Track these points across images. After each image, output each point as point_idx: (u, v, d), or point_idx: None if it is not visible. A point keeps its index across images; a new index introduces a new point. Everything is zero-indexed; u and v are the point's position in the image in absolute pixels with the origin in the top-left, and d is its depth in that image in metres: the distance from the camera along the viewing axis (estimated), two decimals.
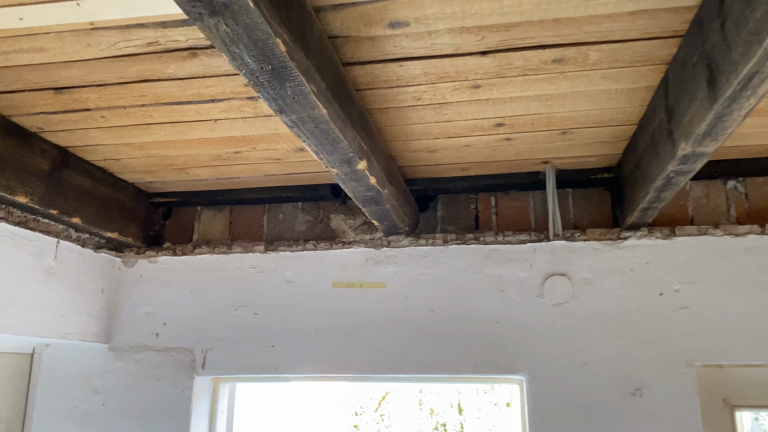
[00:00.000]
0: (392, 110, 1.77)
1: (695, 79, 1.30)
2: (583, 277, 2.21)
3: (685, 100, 1.37)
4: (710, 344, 2.07)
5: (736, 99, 1.18)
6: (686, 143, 1.42)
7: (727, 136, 1.37)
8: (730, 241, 2.14)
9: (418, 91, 1.65)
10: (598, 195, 2.36)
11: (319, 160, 1.57)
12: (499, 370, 2.20)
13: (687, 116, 1.38)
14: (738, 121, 1.28)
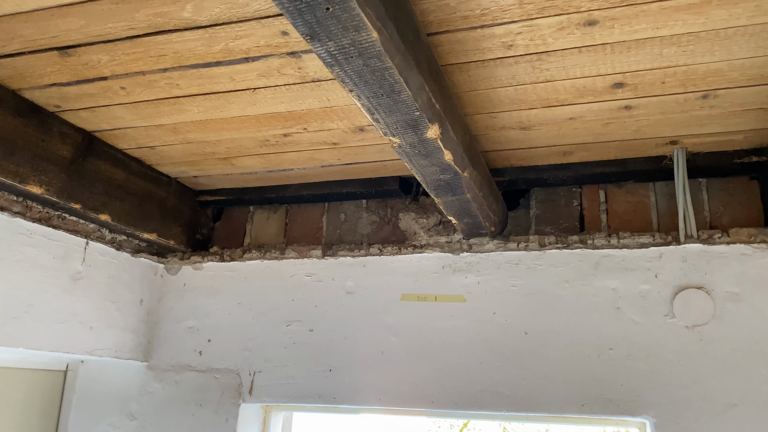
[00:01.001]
0: (474, 66, 1.35)
1: None
2: (728, 291, 1.68)
3: None
4: None
5: None
6: None
7: None
8: None
9: (510, 33, 1.23)
10: (743, 186, 1.83)
11: (375, 125, 1.17)
12: (614, 410, 1.70)
13: None
14: None
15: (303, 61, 1.36)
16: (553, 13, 1.16)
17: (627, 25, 1.19)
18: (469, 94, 1.47)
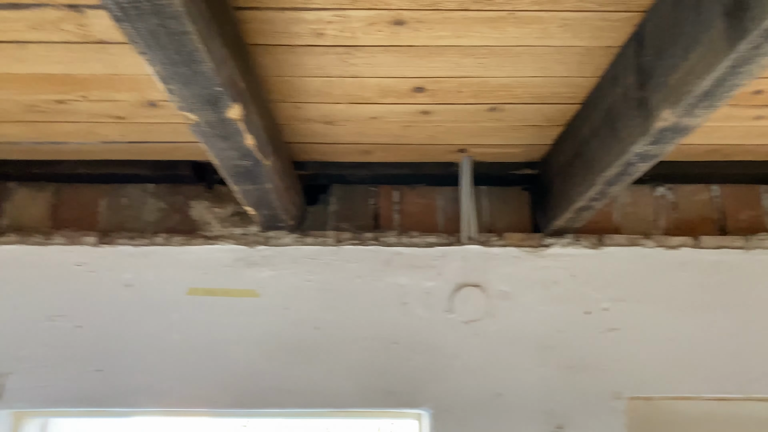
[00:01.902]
0: (282, 51, 1.30)
1: (701, 15, 0.96)
2: (500, 289, 1.84)
3: (679, 50, 1.04)
4: (641, 373, 1.77)
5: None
6: (672, 110, 1.08)
7: (726, 101, 1.05)
8: (663, 254, 1.87)
9: (321, 21, 1.20)
10: (517, 195, 2.01)
11: (170, 96, 1.06)
12: (396, 402, 1.76)
13: (679, 72, 1.04)
14: (753, 75, 0.95)
15: (87, 18, 1.19)
16: (365, 6, 1.16)
17: (432, 30, 1.24)
18: (276, 80, 1.41)
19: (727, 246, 1.88)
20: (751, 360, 1.78)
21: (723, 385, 1.77)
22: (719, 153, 1.85)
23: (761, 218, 2.01)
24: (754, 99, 1.50)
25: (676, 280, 1.85)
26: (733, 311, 1.82)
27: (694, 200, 2.02)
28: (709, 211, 2.01)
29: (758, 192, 2.04)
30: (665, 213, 2.00)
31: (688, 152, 1.85)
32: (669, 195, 2.02)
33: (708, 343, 1.80)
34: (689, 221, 2.00)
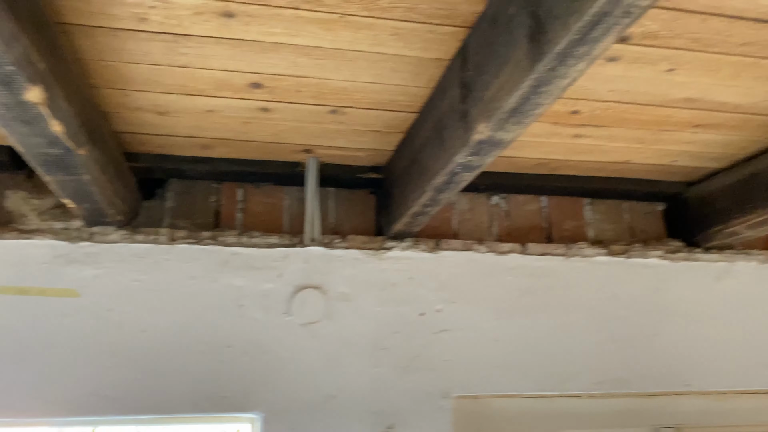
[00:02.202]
0: (101, 33, 1.21)
1: (512, 35, 1.01)
2: (340, 291, 1.85)
3: (493, 67, 1.09)
4: (468, 372, 1.86)
5: (566, 59, 0.90)
6: (486, 124, 1.13)
7: (534, 119, 1.12)
8: (494, 259, 1.98)
9: (142, 5, 1.13)
10: (363, 198, 2.04)
11: None
12: (228, 407, 1.71)
13: (492, 88, 1.09)
14: (555, 95, 1.02)
15: None
16: None
17: (263, 26, 1.21)
18: (97, 64, 1.31)
19: (550, 253, 2.02)
20: (568, 359, 1.93)
21: (541, 383, 1.90)
22: (546, 167, 1.99)
23: (583, 228, 2.18)
24: (572, 118, 1.62)
25: (504, 283, 1.96)
26: (553, 313, 1.96)
27: (525, 210, 2.15)
28: (538, 220, 2.16)
29: (582, 204, 2.22)
30: (499, 221, 2.12)
31: (520, 165, 1.97)
32: (503, 204, 2.14)
33: (530, 344, 1.92)
34: (520, 229, 2.13)
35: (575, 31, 0.83)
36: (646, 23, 1.21)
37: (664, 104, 1.56)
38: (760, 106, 1.58)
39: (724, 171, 2.01)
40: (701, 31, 1.24)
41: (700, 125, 1.68)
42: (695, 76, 1.42)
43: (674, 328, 2.03)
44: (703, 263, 2.12)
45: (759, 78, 1.43)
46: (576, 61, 0.91)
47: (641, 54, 1.32)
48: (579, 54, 0.89)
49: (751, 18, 1.20)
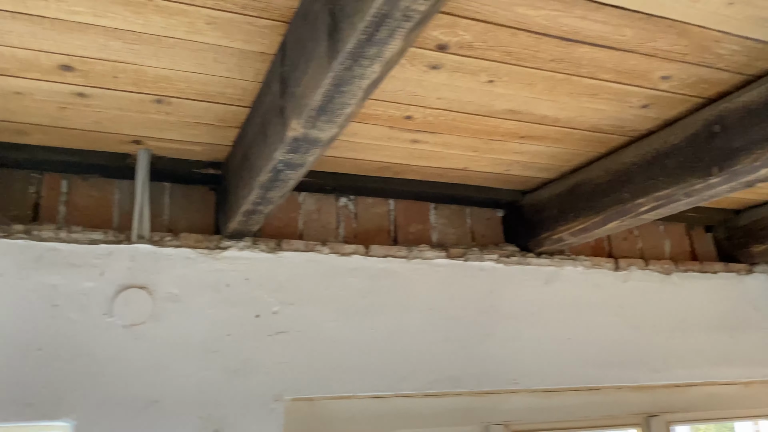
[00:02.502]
0: None
1: (316, 32, 1.00)
2: (169, 292, 1.76)
3: (303, 62, 1.08)
4: (303, 375, 1.83)
5: (359, 59, 0.91)
6: (298, 121, 1.12)
7: (346, 119, 1.12)
8: (336, 261, 1.97)
9: None
10: (202, 195, 1.96)
11: None
12: (34, 415, 1.57)
13: (302, 84, 1.08)
14: (358, 96, 1.02)
15: None
16: None
17: (63, 3, 1.12)
18: None
19: (393, 255, 2.05)
20: (404, 359, 1.96)
21: (377, 384, 1.91)
22: (390, 170, 2.02)
23: (428, 232, 2.24)
24: (407, 123, 1.65)
25: (345, 285, 1.96)
26: (393, 315, 1.99)
27: (373, 212, 2.17)
28: (385, 222, 2.19)
29: (427, 208, 2.27)
30: (346, 222, 2.12)
31: (365, 167, 1.98)
32: (351, 206, 2.14)
33: (368, 345, 1.93)
34: (367, 231, 2.14)
35: (361, 30, 0.83)
36: (460, 33, 1.25)
37: (489, 114, 1.62)
38: (576, 121, 1.69)
39: (554, 181, 2.14)
40: (512, 45, 1.30)
41: (525, 137, 1.77)
42: (514, 88, 1.49)
43: (506, 328, 2.13)
44: (534, 267, 2.24)
45: (572, 94, 1.53)
46: (370, 62, 0.91)
47: (461, 63, 1.36)
48: (371, 55, 0.89)
49: (556, 36, 1.27)
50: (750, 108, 1.45)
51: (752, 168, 1.45)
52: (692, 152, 1.59)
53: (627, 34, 1.27)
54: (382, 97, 1.50)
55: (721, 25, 1.25)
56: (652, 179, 1.70)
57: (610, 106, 1.60)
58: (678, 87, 1.51)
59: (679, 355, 2.36)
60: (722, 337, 2.47)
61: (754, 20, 1.23)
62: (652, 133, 1.75)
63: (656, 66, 1.40)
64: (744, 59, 1.38)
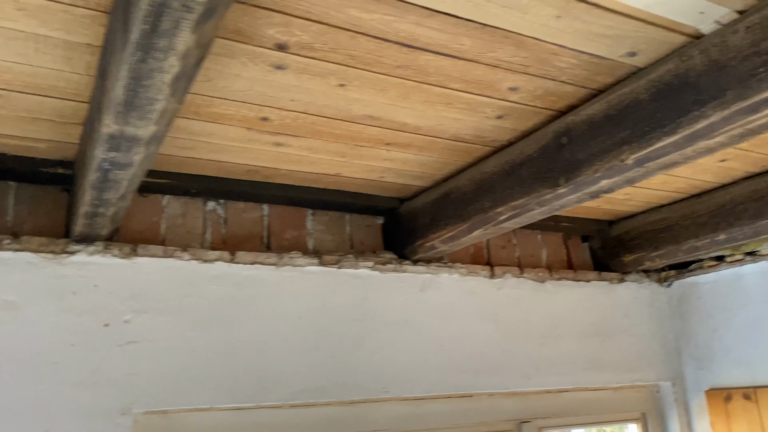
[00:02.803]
0: None
1: (118, 22, 0.94)
2: (6, 299, 1.63)
3: (111, 55, 1.01)
4: (156, 387, 1.74)
5: (150, 51, 0.85)
6: (109, 116, 1.05)
7: (162, 116, 1.06)
8: (198, 267, 1.89)
9: None
10: (54, 196, 1.84)
11: None
12: None
13: (110, 78, 1.01)
14: (165, 92, 0.97)
15: None
16: None
17: None
18: None
19: (261, 262, 1.99)
20: (268, 370, 1.90)
21: (237, 395, 1.85)
22: (259, 174, 1.96)
23: (304, 238, 2.19)
24: (264, 125, 1.60)
25: (206, 293, 1.88)
26: (258, 323, 1.93)
27: (245, 217, 2.11)
28: (259, 228, 2.12)
29: (305, 214, 2.23)
30: (214, 227, 2.04)
31: (231, 170, 1.92)
32: (220, 210, 2.07)
33: (228, 355, 1.86)
34: (238, 237, 2.07)
35: (141, 20, 0.78)
36: (297, 33, 1.22)
37: (349, 119, 1.60)
38: (438, 130, 1.69)
39: (428, 189, 2.15)
40: (354, 48, 1.28)
41: (391, 143, 1.77)
42: (368, 94, 1.47)
43: (378, 336, 2.11)
44: (410, 275, 2.24)
45: (426, 102, 1.53)
46: (164, 55, 0.86)
47: (306, 65, 1.33)
48: (162, 47, 0.84)
49: (395, 41, 1.26)
50: (592, 121, 1.49)
51: (594, 179, 1.50)
52: (543, 163, 1.63)
53: (465, 43, 1.28)
54: (230, 96, 1.45)
55: (554, 38, 1.27)
56: (509, 189, 1.73)
57: (467, 116, 1.61)
58: (527, 99, 1.54)
59: (551, 362, 2.42)
60: (593, 343, 2.56)
61: (584, 35, 1.26)
62: (512, 143, 1.79)
63: (501, 77, 1.42)
64: (584, 73, 1.42)
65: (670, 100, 1.30)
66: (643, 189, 2.30)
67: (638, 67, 1.40)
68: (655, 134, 1.32)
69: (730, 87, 1.18)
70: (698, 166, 2.08)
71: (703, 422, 2.61)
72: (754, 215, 2.16)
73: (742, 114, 1.18)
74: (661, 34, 1.28)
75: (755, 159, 2.03)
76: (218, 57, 1.29)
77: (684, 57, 1.28)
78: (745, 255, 2.51)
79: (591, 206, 2.50)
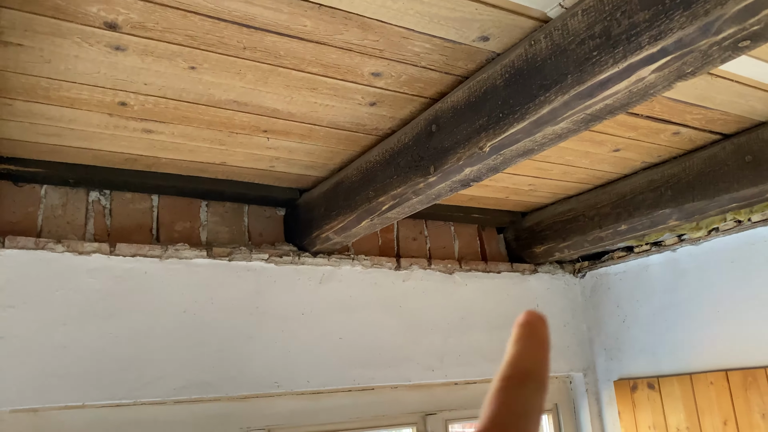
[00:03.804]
0: None
1: None
2: None
3: None
4: (23, 384, 1.67)
5: None
6: None
7: None
8: (73, 260, 1.82)
9: None
10: None
11: None
12: None
13: None
14: None
15: None
16: None
17: None
18: None
19: (143, 255, 1.92)
20: (147, 365, 1.84)
21: (114, 391, 1.78)
22: (140, 163, 1.89)
23: (197, 230, 2.13)
24: (124, 110, 1.54)
25: (82, 286, 1.81)
26: (138, 318, 1.86)
27: (132, 208, 2.04)
28: (147, 220, 2.05)
29: (199, 205, 2.16)
30: (98, 219, 1.97)
31: (107, 159, 1.85)
32: (104, 201, 1.99)
33: (105, 350, 1.79)
34: (124, 228, 2.00)
35: None
36: (122, 11, 1.16)
37: (213, 105, 1.55)
38: (312, 117, 1.65)
39: (324, 180, 2.10)
40: (190, 28, 1.23)
41: (268, 131, 1.72)
42: (223, 77, 1.42)
43: (272, 330, 2.06)
44: (309, 267, 2.19)
45: (289, 87, 1.48)
46: None
47: (146, 46, 1.28)
48: None
49: (232, 21, 1.21)
50: (456, 108, 1.47)
51: (458, 167, 1.47)
52: (417, 151, 1.59)
53: (307, 24, 1.23)
54: (77, 79, 1.38)
55: (398, 21, 1.24)
56: (389, 178, 1.70)
57: (338, 103, 1.57)
58: (394, 85, 1.50)
59: (457, 353, 2.40)
60: (503, 335, 2.54)
61: (428, 17, 1.23)
62: (394, 132, 1.75)
63: (359, 61, 1.38)
64: (441, 58, 1.39)
65: (520, 86, 1.28)
66: (546, 180, 2.29)
67: (495, 53, 1.37)
68: (507, 121, 1.30)
69: (569, 71, 1.16)
70: (594, 156, 2.07)
71: (612, 412, 2.63)
72: (651, 205, 2.16)
73: (580, 98, 1.16)
74: (509, 18, 1.25)
75: (648, 149, 2.03)
76: (47, 36, 1.22)
77: (532, 41, 1.26)
78: (651, 245, 2.53)
79: (500, 197, 2.49)
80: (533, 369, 0.32)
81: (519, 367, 0.32)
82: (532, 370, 0.32)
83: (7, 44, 1.23)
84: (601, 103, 1.16)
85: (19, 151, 1.75)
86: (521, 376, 0.32)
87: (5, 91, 1.40)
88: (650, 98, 1.17)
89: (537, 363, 0.33)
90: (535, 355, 0.33)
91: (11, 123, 1.56)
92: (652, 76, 1.08)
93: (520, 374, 0.32)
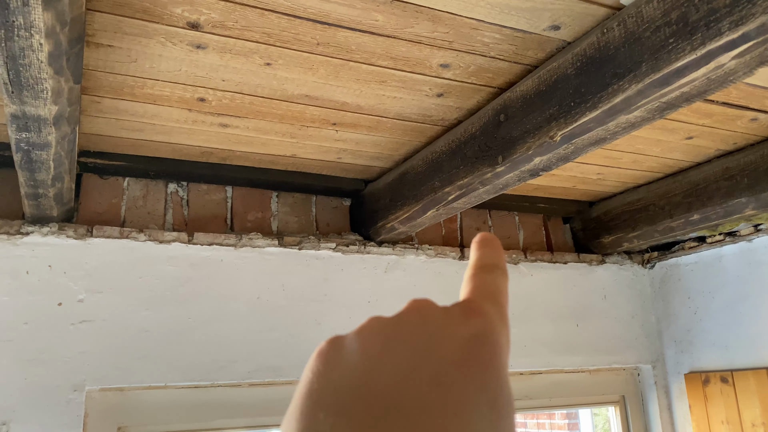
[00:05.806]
0: None
1: None
2: None
3: None
4: (108, 364, 1.78)
5: (13, 28, 0.86)
6: (5, 96, 1.06)
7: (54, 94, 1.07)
8: (154, 248, 1.92)
9: None
10: (8, 178, 1.88)
11: None
12: None
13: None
14: (48, 72, 0.98)
15: None
16: None
17: None
18: None
19: (219, 243, 2.01)
20: (222, 349, 1.93)
21: (191, 374, 1.87)
22: (215, 156, 1.97)
23: (268, 220, 2.21)
24: (203, 106, 1.61)
25: (162, 273, 1.91)
26: (213, 304, 1.95)
27: (207, 199, 2.13)
28: (222, 210, 2.14)
29: (269, 196, 2.24)
30: (176, 209, 2.07)
31: (185, 152, 1.93)
32: (182, 192, 2.09)
33: (182, 334, 1.89)
34: (200, 219, 2.10)
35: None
36: (204, 11, 1.22)
37: (286, 99, 1.60)
38: (380, 109, 1.68)
39: (390, 171, 2.13)
40: (267, 26, 1.27)
41: (338, 123, 1.76)
42: (296, 72, 1.47)
43: (339, 317, 2.12)
44: (374, 256, 2.24)
45: (359, 80, 1.52)
46: (28, 33, 0.87)
47: (225, 44, 1.33)
48: (22, 24, 0.85)
49: (307, 18, 1.25)
50: (526, 97, 1.46)
51: (527, 157, 1.47)
52: (485, 141, 1.60)
53: (379, 18, 1.26)
54: (160, 77, 1.46)
55: (468, 12, 1.25)
56: (455, 168, 1.71)
57: (405, 94, 1.60)
58: (462, 76, 1.51)
59: (521, 344, 2.40)
60: (568, 326, 2.52)
61: (499, 8, 1.24)
62: (461, 122, 1.76)
63: (428, 53, 1.40)
64: (511, 48, 1.39)
65: (592, 75, 1.27)
66: (615, 168, 2.25)
67: (566, 41, 1.36)
68: (579, 110, 1.29)
69: (643, 59, 1.15)
70: (665, 144, 2.02)
71: (682, 405, 2.57)
72: (726, 194, 2.10)
73: (655, 86, 1.14)
74: (581, 6, 1.24)
75: (723, 136, 1.97)
76: (135, 37, 1.29)
77: (605, 29, 1.25)
78: (725, 236, 2.44)
79: (567, 186, 2.46)
80: (497, 262, 0.40)
81: (485, 261, 0.40)
82: (497, 262, 0.40)
83: (98, 46, 1.31)
84: (677, 91, 1.14)
85: (104, 145, 1.86)
86: (489, 267, 0.40)
87: (96, 89, 1.49)
88: (729, 85, 1.15)
89: (498, 258, 0.41)
90: (496, 253, 0.41)
91: (99, 119, 1.66)
92: (732, 63, 1.06)
93: (487, 265, 0.40)
